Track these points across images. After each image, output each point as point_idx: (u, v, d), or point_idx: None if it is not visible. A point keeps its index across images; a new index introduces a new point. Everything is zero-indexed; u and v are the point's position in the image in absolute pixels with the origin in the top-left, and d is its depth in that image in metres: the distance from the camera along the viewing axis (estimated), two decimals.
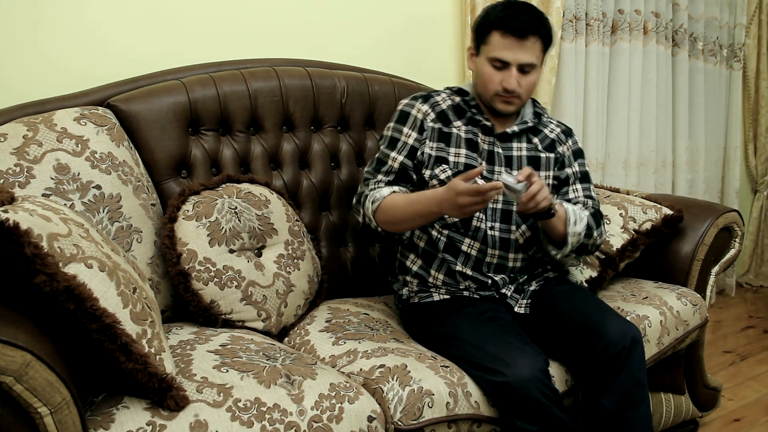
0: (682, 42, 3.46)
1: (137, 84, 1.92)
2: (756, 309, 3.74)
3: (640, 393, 1.65)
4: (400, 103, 1.89)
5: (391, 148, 1.84)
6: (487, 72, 1.76)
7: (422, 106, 1.85)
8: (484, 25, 1.77)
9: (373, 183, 1.82)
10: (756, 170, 4.02)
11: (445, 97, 1.88)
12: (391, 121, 1.88)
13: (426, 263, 1.85)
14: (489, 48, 1.75)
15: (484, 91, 1.79)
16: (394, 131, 1.85)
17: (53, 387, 1.06)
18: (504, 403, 1.52)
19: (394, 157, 1.82)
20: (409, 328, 1.83)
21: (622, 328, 1.66)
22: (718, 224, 2.19)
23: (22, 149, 1.57)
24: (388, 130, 1.87)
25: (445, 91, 1.91)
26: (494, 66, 1.75)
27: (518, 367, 1.50)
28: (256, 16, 2.22)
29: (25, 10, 1.84)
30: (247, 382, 1.35)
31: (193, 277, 1.65)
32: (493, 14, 1.75)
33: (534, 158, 1.87)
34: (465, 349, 1.60)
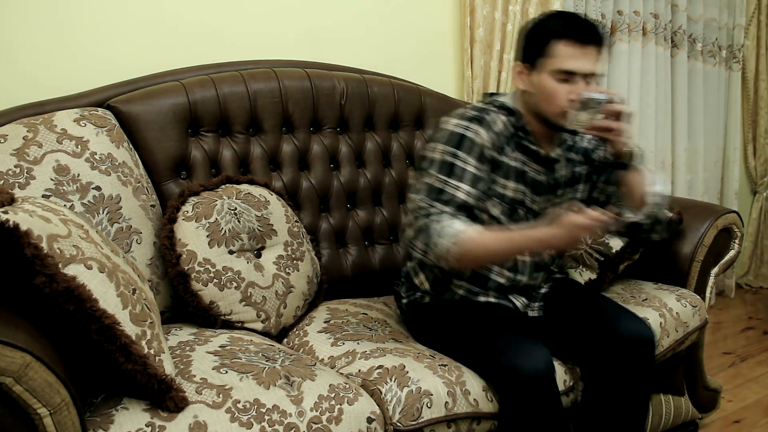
0: (681, 43, 3.47)
1: (137, 85, 1.92)
2: (756, 310, 3.74)
3: (645, 390, 1.68)
4: (446, 122, 1.67)
5: (449, 174, 1.60)
6: (551, 87, 1.61)
7: (480, 130, 1.64)
8: (542, 36, 1.62)
9: (436, 215, 1.57)
10: (755, 171, 4.02)
11: (495, 117, 1.68)
12: (437, 142, 1.65)
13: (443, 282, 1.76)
14: (552, 60, 1.60)
15: (550, 108, 1.63)
16: (447, 155, 1.62)
17: (53, 388, 1.06)
18: (509, 395, 1.52)
19: (457, 186, 1.60)
20: (414, 328, 1.81)
21: (637, 328, 1.67)
22: (718, 225, 2.19)
23: (22, 150, 1.57)
24: (437, 152, 1.63)
25: (492, 109, 1.70)
26: (559, 79, 1.60)
27: (533, 360, 1.50)
28: (256, 18, 2.22)
29: (26, 12, 1.84)
30: (247, 383, 1.35)
31: (192, 278, 1.65)
32: (552, 23, 1.63)
33: (574, 177, 1.80)
34: (477, 341, 1.60)
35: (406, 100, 2.30)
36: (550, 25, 1.63)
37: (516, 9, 2.65)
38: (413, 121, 2.33)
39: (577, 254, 2.05)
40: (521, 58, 1.68)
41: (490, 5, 2.63)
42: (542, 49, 1.62)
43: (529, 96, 1.67)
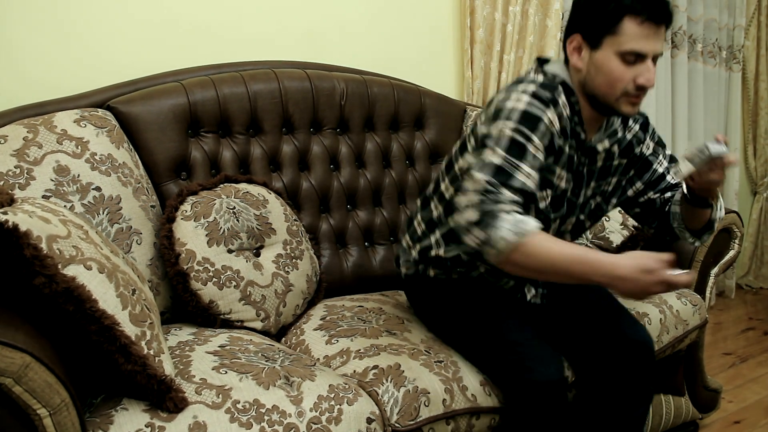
0: (682, 44, 3.47)
1: (137, 86, 1.92)
2: (756, 311, 3.74)
3: (645, 392, 1.67)
4: (518, 97, 1.47)
5: (520, 157, 1.43)
6: (616, 68, 1.45)
7: (554, 115, 1.48)
8: (614, 12, 1.43)
9: (508, 202, 1.39)
10: (755, 172, 4.02)
11: (563, 99, 1.52)
12: (508, 119, 1.45)
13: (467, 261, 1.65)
14: (621, 39, 1.43)
15: (611, 91, 1.48)
16: (520, 135, 1.44)
17: (52, 388, 1.06)
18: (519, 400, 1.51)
19: (528, 173, 1.43)
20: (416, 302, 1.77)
21: (638, 333, 1.67)
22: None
23: (22, 151, 1.57)
24: (507, 129, 1.44)
25: (555, 83, 1.53)
26: (627, 61, 1.45)
27: (549, 368, 1.49)
28: (256, 18, 2.22)
29: (26, 13, 1.84)
30: (246, 384, 1.35)
31: (191, 277, 1.65)
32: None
33: (606, 168, 1.67)
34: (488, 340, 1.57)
35: (406, 101, 2.30)
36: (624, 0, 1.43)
37: (516, 10, 2.65)
38: (413, 121, 2.33)
39: None
40: (581, 31, 1.49)
41: (491, 6, 2.63)
42: (612, 26, 1.44)
43: (584, 74, 1.51)
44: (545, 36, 2.79)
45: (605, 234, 2.06)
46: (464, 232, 1.42)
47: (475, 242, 1.40)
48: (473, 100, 2.64)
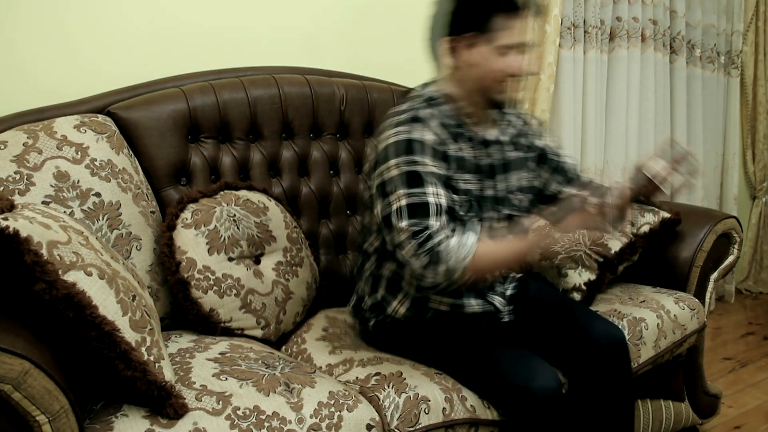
0: (680, 49, 3.47)
1: (137, 92, 1.92)
2: (755, 315, 3.74)
3: (626, 391, 1.69)
4: (384, 137, 1.55)
5: (420, 185, 1.49)
6: (493, 62, 1.55)
7: (422, 131, 1.53)
8: (483, 12, 1.53)
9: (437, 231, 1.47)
10: (754, 177, 4.03)
11: (427, 112, 1.58)
12: (387, 159, 1.51)
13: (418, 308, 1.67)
14: (493, 36, 1.53)
15: (490, 83, 1.57)
16: (406, 165, 1.49)
17: (52, 395, 1.06)
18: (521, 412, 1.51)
19: (435, 192, 1.49)
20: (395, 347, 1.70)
21: (609, 329, 1.69)
22: (717, 231, 2.19)
23: (22, 157, 1.57)
24: (393, 168, 1.50)
25: (419, 105, 1.60)
26: (500, 53, 1.54)
27: (544, 379, 1.49)
28: (256, 24, 2.23)
29: (26, 19, 1.85)
30: (247, 390, 1.35)
31: (192, 285, 1.65)
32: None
33: (509, 162, 1.72)
34: (478, 359, 1.57)
35: None
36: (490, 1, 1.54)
37: None
38: None
39: (576, 255, 2.05)
40: (454, 34, 1.57)
41: None
42: (484, 24, 1.54)
43: (463, 73, 1.60)
44: (544, 42, 2.80)
45: (603, 240, 2.06)
46: (420, 279, 1.51)
47: (433, 282, 1.50)
48: None
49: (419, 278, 1.51)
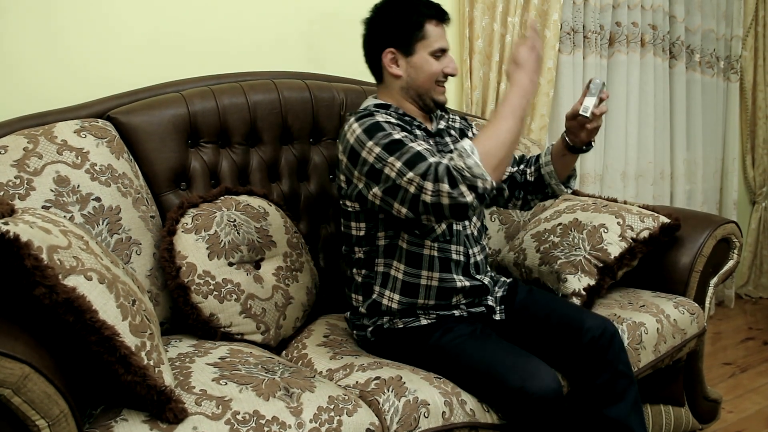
0: (680, 54, 3.48)
1: (137, 96, 1.93)
2: (755, 320, 3.74)
3: (626, 384, 1.70)
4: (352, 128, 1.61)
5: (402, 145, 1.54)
6: (432, 65, 1.72)
7: (382, 116, 1.64)
8: (415, 21, 1.70)
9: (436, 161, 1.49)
10: (754, 181, 4.03)
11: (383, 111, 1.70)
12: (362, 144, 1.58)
13: (410, 294, 1.71)
14: (429, 41, 1.71)
15: (429, 84, 1.73)
16: (383, 138, 1.56)
17: (51, 399, 1.06)
18: (520, 415, 1.52)
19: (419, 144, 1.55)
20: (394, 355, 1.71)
21: (601, 322, 1.73)
22: (717, 235, 2.19)
23: (22, 161, 1.57)
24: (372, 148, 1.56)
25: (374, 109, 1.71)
26: (435, 57, 1.72)
27: (544, 381, 1.50)
28: (256, 29, 2.23)
29: (25, 24, 1.85)
30: (246, 395, 1.35)
31: (192, 290, 1.65)
32: (419, 7, 1.71)
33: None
34: (476, 363, 1.58)
35: None
36: (419, 8, 1.71)
37: (515, 20, 2.67)
38: None
39: (576, 260, 2.05)
40: (393, 45, 1.72)
41: (489, 17, 2.64)
42: (416, 31, 1.71)
43: (405, 79, 1.74)
44: (544, 47, 2.80)
45: (603, 246, 2.06)
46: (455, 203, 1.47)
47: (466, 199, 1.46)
48: (472, 111, 2.65)
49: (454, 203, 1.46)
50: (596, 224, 2.12)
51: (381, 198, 1.57)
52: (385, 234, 1.70)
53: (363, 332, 1.77)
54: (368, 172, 1.58)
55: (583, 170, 3.08)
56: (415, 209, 1.52)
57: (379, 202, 1.59)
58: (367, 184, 1.60)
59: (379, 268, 1.73)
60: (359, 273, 1.77)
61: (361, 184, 1.62)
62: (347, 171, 1.65)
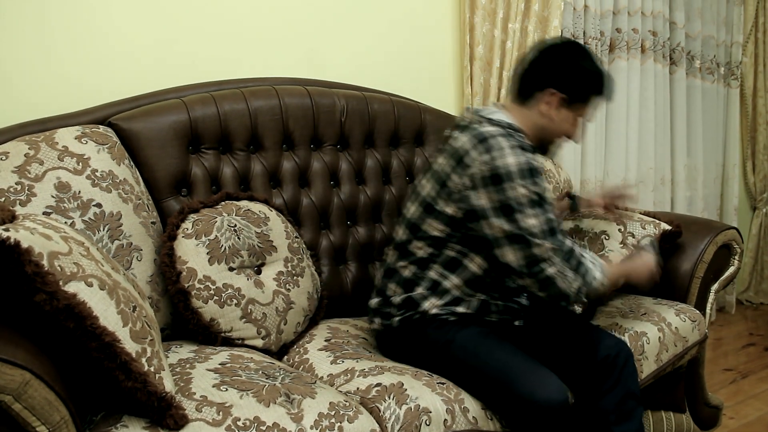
0: (680, 60, 3.49)
1: (138, 103, 1.93)
2: (756, 326, 3.74)
3: (635, 404, 1.71)
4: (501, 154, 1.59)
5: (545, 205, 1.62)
6: (572, 126, 1.79)
7: (535, 156, 1.67)
8: (594, 89, 1.78)
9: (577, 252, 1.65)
10: (754, 187, 4.03)
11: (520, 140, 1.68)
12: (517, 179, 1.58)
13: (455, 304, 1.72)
14: (587, 109, 1.79)
15: (557, 138, 1.81)
16: (535, 187, 1.60)
17: (52, 406, 1.06)
18: (525, 423, 1.52)
19: (554, 214, 1.65)
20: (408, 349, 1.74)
21: (617, 344, 1.73)
22: (717, 242, 2.20)
23: (23, 167, 1.57)
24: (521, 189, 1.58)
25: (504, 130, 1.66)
26: (576, 121, 1.80)
27: (551, 391, 1.50)
28: (257, 35, 2.24)
29: (25, 32, 1.85)
30: (247, 401, 1.35)
31: (192, 295, 1.65)
32: (602, 83, 1.78)
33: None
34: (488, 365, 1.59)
35: (406, 118, 2.31)
36: (602, 83, 1.78)
37: (515, 27, 2.67)
38: (413, 138, 2.34)
39: None
40: (561, 89, 1.73)
41: (490, 23, 2.65)
42: (587, 97, 1.78)
43: (547, 121, 1.76)
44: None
45: (605, 253, 2.07)
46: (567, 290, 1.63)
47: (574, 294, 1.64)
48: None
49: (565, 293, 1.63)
50: (597, 231, 2.13)
51: (500, 232, 1.61)
52: (459, 248, 1.71)
53: (388, 320, 1.76)
54: (503, 204, 1.60)
55: (584, 176, 3.08)
56: (527, 268, 1.62)
57: (492, 232, 1.62)
58: (494, 211, 1.61)
59: (432, 274, 1.72)
60: (407, 267, 1.75)
61: (485, 203, 1.61)
62: (472, 180, 1.63)
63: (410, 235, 1.76)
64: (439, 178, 1.70)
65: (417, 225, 1.74)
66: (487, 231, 1.63)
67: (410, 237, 1.75)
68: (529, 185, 1.59)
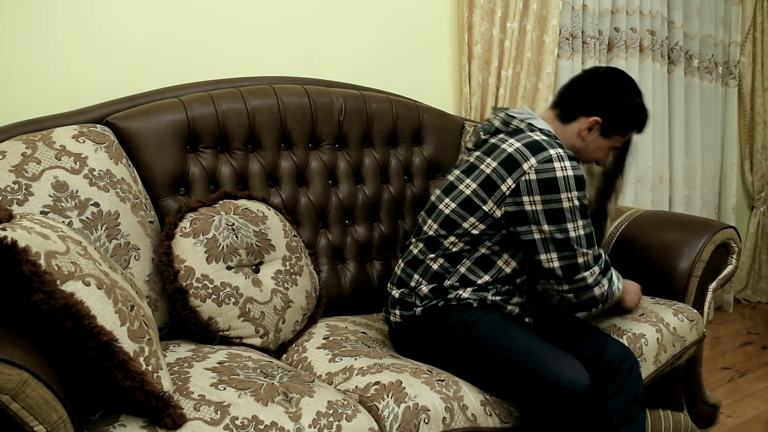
0: (678, 59, 3.49)
1: (136, 102, 1.93)
2: (754, 325, 3.74)
3: (638, 408, 1.72)
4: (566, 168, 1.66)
5: (587, 216, 1.71)
6: (605, 155, 1.89)
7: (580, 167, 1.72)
8: (633, 123, 1.86)
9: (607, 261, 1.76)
10: (752, 186, 4.04)
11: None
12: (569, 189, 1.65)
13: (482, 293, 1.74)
14: (621, 141, 1.88)
15: (584, 159, 1.87)
16: (583, 199, 1.69)
17: (50, 405, 1.06)
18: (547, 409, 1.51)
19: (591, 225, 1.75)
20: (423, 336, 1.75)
21: (623, 351, 1.76)
22: (715, 241, 2.19)
23: (20, 167, 1.57)
24: (575, 199, 1.66)
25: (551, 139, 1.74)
26: (608, 150, 1.89)
27: (576, 374, 1.51)
28: (254, 34, 2.23)
29: (22, 30, 1.85)
30: (245, 400, 1.35)
31: (190, 294, 1.65)
32: (643, 116, 1.86)
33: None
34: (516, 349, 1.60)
35: (404, 117, 2.31)
36: (642, 119, 1.86)
37: (514, 26, 2.67)
38: (411, 137, 2.34)
39: None
40: (602, 116, 1.81)
41: (488, 22, 2.65)
42: (625, 130, 1.86)
43: (583, 146, 1.85)
44: (542, 52, 2.81)
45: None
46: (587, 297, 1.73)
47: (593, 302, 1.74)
48: (471, 116, 2.65)
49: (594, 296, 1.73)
50: None
51: (550, 238, 1.67)
52: (494, 248, 1.73)
53: (409, 311, 1.77)
54: (553, 211, 1.66)
55: None
56: (567, 275, 1.69)
57: (541, 237, 1.67)
58: (547, 216, 1.66)
59: (462, 270, 1.75)
60: (436, 260, 1.77)
61: (538, 208, 1.66)
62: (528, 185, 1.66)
63: (446, 231, 1.76)
64: (489, 180, 1.71)
65: (456, 222, 1.75)
66: (536, 236, 1.68)
67: (446, 232, 1.76)
68: (581, 195, 1.68)
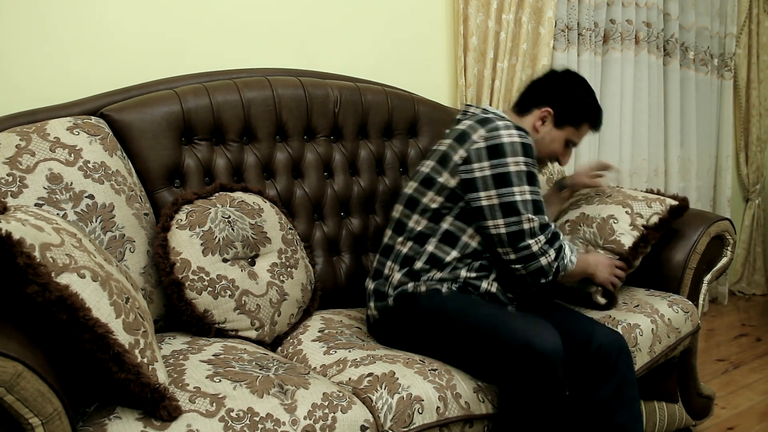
0: (674, 51, 3.49)
1: (130, 94, 1.92)
2: (749, 317, 3.76)
3: (632, 393, 1.73)
4: (500, 134, 1.72)
5: (535, 183, 1.74)
6: (560, 147, 1.95)
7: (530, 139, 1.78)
8: (584, 115, 1.93)
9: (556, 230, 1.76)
10: (747, 179, 4.04)
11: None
12: (515, 154, 1.71)
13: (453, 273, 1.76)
14: (576, 133, 1.94)
15: (541, 153, 1.92)
16: (529, 165, 1.72)
17: (45, 398, 1.06)
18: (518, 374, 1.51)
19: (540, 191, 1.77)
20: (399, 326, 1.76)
21: (612, 335, 1.75)
22: (710, 233, 2.20)
23: (14, 159, 1.56)
24: (521, 165, 1.71)
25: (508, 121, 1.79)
26: (566, 145, 1.95)
27: (546, 338, 1.51)
28: (250, 26, 2.23)
29: (15, 22, 1.84)
30: (240, 392, 1.35)
31: (186, 286, 1.64)
32: (593, 109, 1.94)
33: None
34: (483, 318, 1.61)
35: (399, 108, 2.31)
36: (592, 110, 1.94)
37: (509, 17, 2.67)
38: (407, 129, 2.34)
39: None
40: (553, 107, 1.91)
41: (484, 14, 2.64)
42: (577, 122, 1.93)
43: (534, 133, 1.91)
44: (538, 44, 2.81)
45: (616, 237, 2.04)
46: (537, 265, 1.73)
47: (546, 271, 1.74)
48: None
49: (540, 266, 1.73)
50: (605, 216, 2.10)
51: (494, 201, 1.71)
52: (457, 223, 1.77)
53: (383, 302, 1.79)
54: (500, 175, 1.71)
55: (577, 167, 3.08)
56: (513, 241, 1.71)
57: (486, 202, 1.72)
58: (493, 180, 1.71)
59: (430, 248, 1.78)
60: (405, 244, 1.81)
61: (486, 173, 1.71)
62: (477, 153, 1.72)
63: (409, 210, 1.82)
64: (441, 154, 1.79)
65: (416, 199, 1.81)
66: (484, 203, 1.72)
67: (409, 211, 1.82)
68: (528, 161, 1.72)
